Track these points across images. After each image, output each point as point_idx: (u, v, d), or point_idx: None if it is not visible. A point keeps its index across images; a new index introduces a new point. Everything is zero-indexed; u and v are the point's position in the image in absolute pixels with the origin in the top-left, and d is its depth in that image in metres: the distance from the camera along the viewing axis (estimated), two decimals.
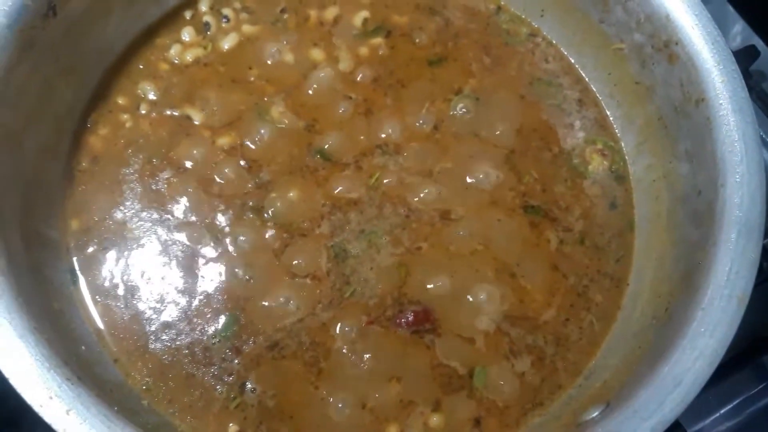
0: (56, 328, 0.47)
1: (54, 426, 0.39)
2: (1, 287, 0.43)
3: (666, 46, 0.58)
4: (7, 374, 0.40)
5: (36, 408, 0.39)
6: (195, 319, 0.54)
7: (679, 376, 0.44)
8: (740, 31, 0.87)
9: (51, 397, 0.40)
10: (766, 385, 0.71)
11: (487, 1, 0.70)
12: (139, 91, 0.62)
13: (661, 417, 0.42)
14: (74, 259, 0.55)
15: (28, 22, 0.52)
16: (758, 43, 0.84)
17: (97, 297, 0.54)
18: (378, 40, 0.66)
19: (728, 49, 0.54)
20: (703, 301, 0.46)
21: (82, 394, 0.41)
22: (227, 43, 0.65)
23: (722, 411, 0.69)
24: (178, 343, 0.53)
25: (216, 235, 0.57)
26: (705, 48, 0.55)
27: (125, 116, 0.60)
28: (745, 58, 0.80)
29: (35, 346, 0.41)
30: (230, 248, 0.56)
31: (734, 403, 0.69)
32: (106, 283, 0.55)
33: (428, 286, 0.57)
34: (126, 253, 0.56)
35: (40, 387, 0.40)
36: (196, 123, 0.61)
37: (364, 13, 0.67)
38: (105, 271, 0.55)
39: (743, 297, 0.46)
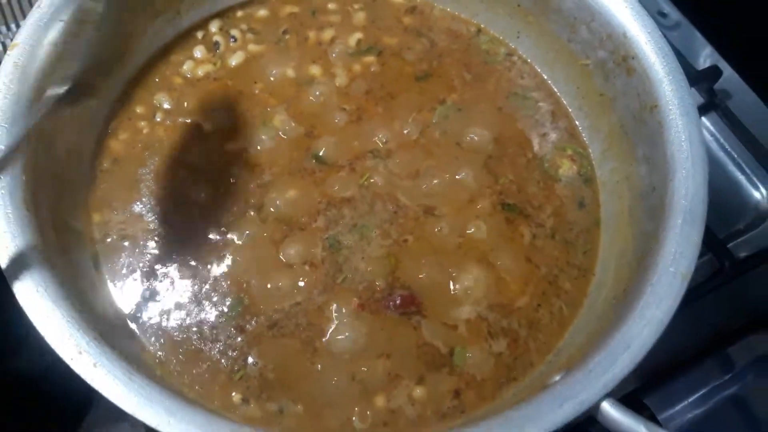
0: (82, 302, 0.53)
1: (83, 376, 0.45)
2: (38, 262, 0.50)
3: (624, 60, 0.65)
4: (42, 333, 0.46)
5: (67, 361, 0.46)
6: (203, 301, 0.60)
7: (629, 341, 0.50)
8: (709, 54, 0.95)
9: (80, 352, 0.46)
10: (731, 376, 0.76)
11: (468, 25, 0.77)
12: (155, 101, 0.69)
13: (612, 375, 0.48)
14: (96, 247, 0.61)
15: (62, 38, 0.59)
16: (723, 65, 0.91)
17: (116, 281, 0.60)
18: (370, 59, 0.74)
19: (677, 62, 0.62)
20: (653, 279, 0.53)
21: (107, 351, 0.47)
22: (235, 60, 0.72)
23: (690, 399, 0.74)
24: (188, 322, 0.59)
25: (221, 228, 0.63)
26: (657, 61, 0.62)
27: (143, 123, 0.67)
28: (709, 77, 0.87)
29: (66, 310, 0.48)
30: (235, 240, 0.63)
31: (701, 392, 0.74)
32: (124, 270, 0.61)
33: (415, 275, 0.62)
34: (142, 243, 0.62)
35: (71, 344, 0.46)
36: (206, 129, 0.68)
37: (358, 35, 0.75)
38: (123, 259, 0.61)
39: (686, 274, 0.52)
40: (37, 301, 0.48)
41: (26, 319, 0.47)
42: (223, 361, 0.58)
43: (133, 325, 0.59)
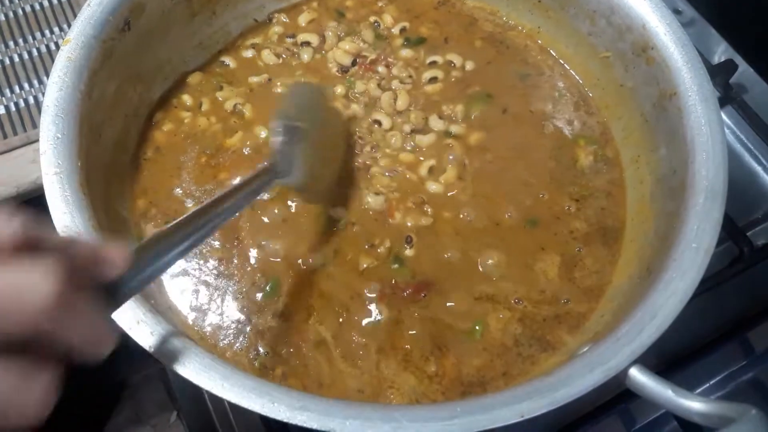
0: None
1: (141, 343, 0.48)
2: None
3: (644, 51, 0.68)
4: None
5: (126, 330, 0.49)
6: (243, 282, 0.63)
7: (655, 310, 0.52)
8: (724, 50, 0.97)
9: (138, 322, 0.49)
10: (750, 360, 0.78)
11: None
12: (198, 95, 0.73)
13: (640, 342, 0.50)
14: (141, 231, 0.65)
15: (109, 34, 0.63)
16: (738, 59, 0.93)
17: None
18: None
19: (695, 51, 0.64)
20: (675, 253, 0.55)
21: (161, 321, 0.50)
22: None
23: (710, 383, 0.76)
24: (228, 301, 0.62)
25: (253, 207, 0.66)
26: (675, 50, 0.65)
27: (186, 113, 0.71)
28: (724, 71, 0.89)
29: None
30: (265, 219, 0.66)
31: (721, 376, 0.76)
32: None
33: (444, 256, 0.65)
34: None
35: (130, 315, 0.49)
36: (246, 115, 0.72)
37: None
38: None
39: (709, 248, 0.54)
40: None
41: None
42: (257, 345, 0.60)
43: (176, 303, 0.62)
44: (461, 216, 0.67)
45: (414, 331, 0.61)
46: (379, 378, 0.59)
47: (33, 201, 0.77)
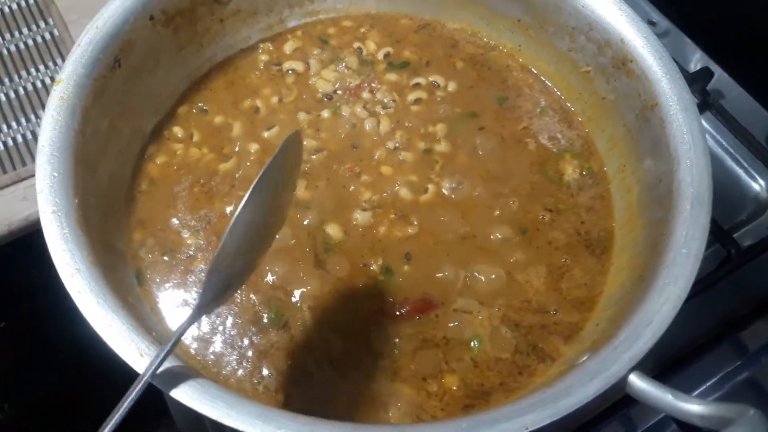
0: (133, 315, 0.56)
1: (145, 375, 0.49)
2: (94, 277, 0.53)
3: (623, 64, 0.70)
4: (106, 339, 0.50)
5: (130, 363, 0.49)
6: (244, 311, 0.64)
7: (650, 316, 0.53)
8: (699, 58, 1.00)
9: (141, 355, 0.49)
10: (744, 360, 0.79)
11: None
12: (188, 127, 0.74)
13: (638, 349, 0.51)
14: (139, 264, 0.65)
15: (101, 72, 0.64)
16: (714, 66, 0.96)
17: (159, 295, 0.64)
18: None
19: (673, 62, 0.66)
20: (667, 260, 0.56)
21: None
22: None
23: (706, 385, 0.77)
24: (229, 330, 0.63)
25: None
26: (654, 62, 0.67)
27: (178, 145, 0.72)
28: (701, 79, 0.92)
29: (125, 318, 0.51)
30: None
31: (716, 378, 0.77)
32: (167, 284, 0.65)
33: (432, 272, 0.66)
34: (179, 256, 0.66)
35: (133, 348, 0.50)
36: (237, 149, 0.72)
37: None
38: (164, 273, 0.65)
39: (698, 253, 0.56)
40: (99, 312, 0.51)
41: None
42: (261, 369, 0.61)
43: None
44: (445, 230, 0.69)
45: (411, 348, 0.62)
46: (378, 395, 0.60)
47: (25, 238, 0.77)
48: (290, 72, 0.79)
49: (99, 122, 0.64)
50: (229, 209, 0.68)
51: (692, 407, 0.48)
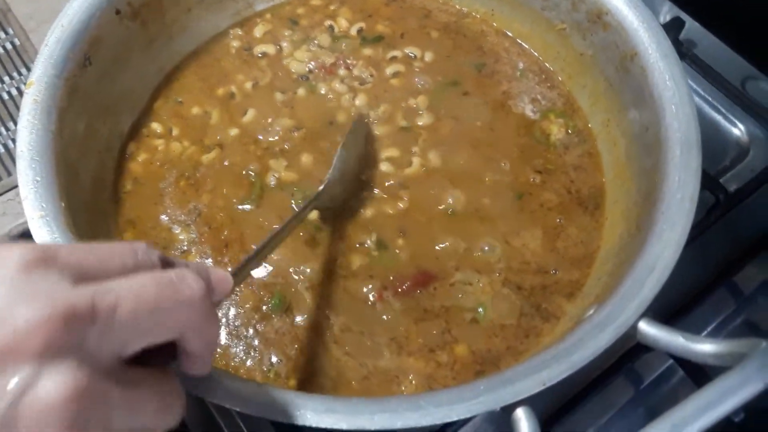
0: None
1: None
2: None
3: (599, 17, 0.69)
4: None
5: None
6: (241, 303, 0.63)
7: (653, 263, 0.53)
8: (669, 9, 1.00)
9: None
10: (740, 303, 0.80)
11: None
12: (167, 122, 0.72)
13: (643, 296, 0.52)
14: None
15: (72, 71, 0.62)
16: (684, 16, 0.96)
17: None
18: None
19: (649, 10, 0.66)
20: (662, 207, 0.57)
21: None
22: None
23: (705, 331, 0.78)
24: (229, 322, 0.62)
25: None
26: (630, 13, 0.67)
27: (158, 141, 0.71)
28: (673, 29, 0.92)
29: None
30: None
31: (714, 323, 0.77)
32: None
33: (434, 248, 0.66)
34: (173, 252, 0.65)
35: None
36: (218, 138, 0.71)
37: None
38: None
39: (693, 197, 0.56)
40: None
41: None
42: (269, 356, 0.60)
43: None
44: (436, 202, 0.68)
45: (412, 321, 0.62)
46: (389, 371, 0.60)
47: None
48: (261, 55, 0.78)
49: (76, 123, 0.63)
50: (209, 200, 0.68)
51: (704, 347, 0.48)
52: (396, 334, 0.61)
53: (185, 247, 0.65)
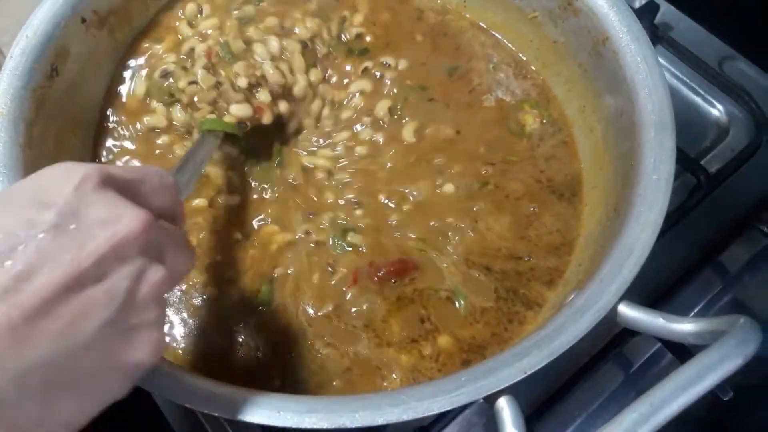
0: None
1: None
2: None
3: (569, 4, 0.69)
4: None
5: None
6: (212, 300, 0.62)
7: (631, 246, 0.53)
8: None
9: None
10: (727, 283, 0.80)
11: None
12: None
13: (622, 279, 0.51)
14: None
15: (38, 82, 0.62)
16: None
17: None
18: None
19: None
20: (639, 189, 0.56)
21: None
22: None
23: (694, 311, 0.78)
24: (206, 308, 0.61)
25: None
26: None
27: None
28: (648, 13, 0.92)
29: None
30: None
31: (702, 304, 0.78)
32: None
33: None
34: None
35: None
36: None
37: None
38: None
39: (669, 177, 0.56)
40: None
41: None
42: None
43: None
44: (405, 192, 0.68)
45: (388, 310, 0.62)
46: (372, 363, 0.59)
47: None
48: None
49: (45, 135, 0.62)
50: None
51: (684, 326, 0.48)
52: (373, 325, 0.61)
53: None
